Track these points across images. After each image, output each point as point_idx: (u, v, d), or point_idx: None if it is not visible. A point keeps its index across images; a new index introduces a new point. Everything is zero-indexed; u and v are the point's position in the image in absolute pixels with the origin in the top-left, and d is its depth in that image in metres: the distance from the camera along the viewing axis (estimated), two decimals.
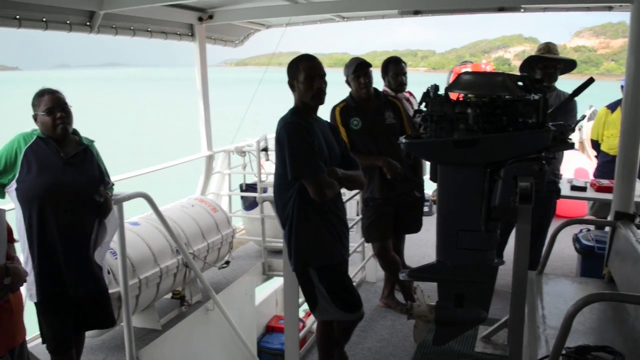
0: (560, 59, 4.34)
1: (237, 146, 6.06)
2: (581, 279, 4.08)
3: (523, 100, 2.64)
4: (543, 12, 4.94)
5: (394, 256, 4.36)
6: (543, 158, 2.62)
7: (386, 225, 4.31)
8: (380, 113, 4.25)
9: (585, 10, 4.87)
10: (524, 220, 2.70)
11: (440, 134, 2.67)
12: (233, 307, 4.98)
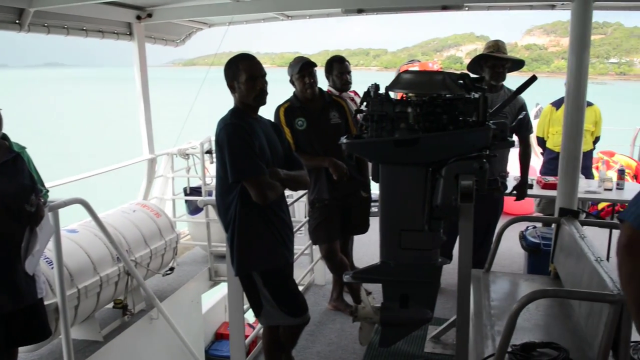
0: (509, 58, 4.35)
1: (181, 149, 5.93)
2: (528, 276, 4.11)
3: (463, 99, 2.62)
4: (487, 11, 4.98)
5: (342, 258, 4.31)
6: (484, 156, 2.60)
7: (333, 226, 4.25)
8: (325, 113, 4.20)
9: (528, 9, 4.93)
10: (466, 219, 2.67)
11: (381, 134, 2.63)
12: (179, 315, 4.85)
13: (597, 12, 6.11)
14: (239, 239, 3.10)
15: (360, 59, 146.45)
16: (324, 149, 4.11)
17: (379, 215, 2.81)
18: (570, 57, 3.89)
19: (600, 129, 6.18)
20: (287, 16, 5.19)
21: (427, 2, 4.53)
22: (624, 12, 4.82)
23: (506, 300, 3.42)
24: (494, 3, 4.63)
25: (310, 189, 4.31)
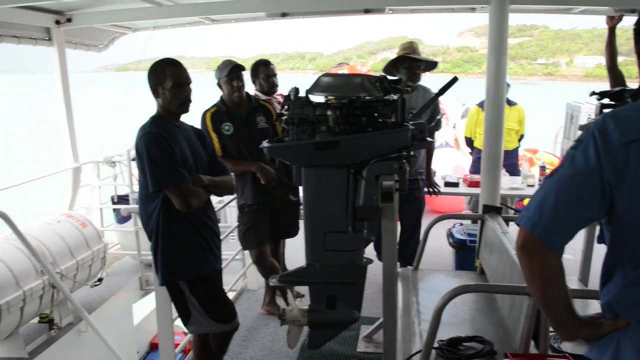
0: (423, 59, 4.45)
1: (107, 156, 5.79)
2: (455, 272, 4.21)
3: (382, 101, 2.65)
4: (410, 14, 5.08)
5: (273, 262, 4.31)
6: (404, 157, 2.65)
7: (262, 231, 4.24)
8: (252, 117, 4.19)
9: (450, 12, 5.06)
10: (388, 219, 2.72)
11: (302, 137, 2.64)
12: (109, 327, 4.72)
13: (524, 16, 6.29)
14: (163, 247, 3.07)
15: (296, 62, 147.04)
16: (251, 153, 4.09)
17: (304, 218, 2.82)
18: (489, 58, 4.02)
19: (524, 127, 6.40)
20: (213, 20, 5.15)
21: (350, 5, 4.59)
22: (550, 14, 5.03)
23: (434, 297, 3.48)
24: (417, 6, 4.73)
25: (239, 194, 4.29)
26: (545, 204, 1.52)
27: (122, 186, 5.89)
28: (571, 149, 1.56)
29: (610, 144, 1.47)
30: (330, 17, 5.25)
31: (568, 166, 1.53)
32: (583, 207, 1.52)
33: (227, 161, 3.99)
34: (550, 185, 1.55)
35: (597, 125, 1.52)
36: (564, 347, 2.82)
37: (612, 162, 1.47)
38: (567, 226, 1.53)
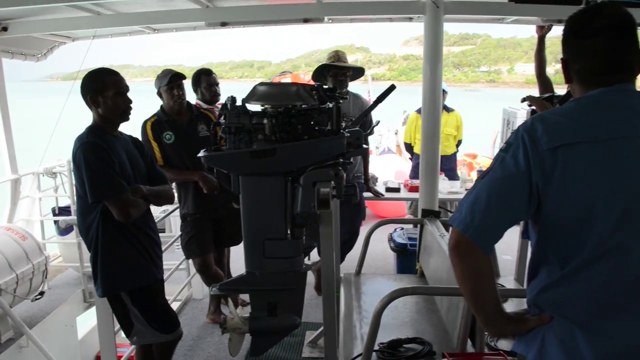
0: (350, 67, 4.56)
1: (47, 167, 5.66)
2: (397, 276, 4.29)
3: (317, 109, 2.70)
4: (350, 23, 5.17)
5: (217, 270, 4.30)
6: (340, 164, 2.71)
7: (206, 239, 4.24)
8: (193, 126, 4.18)
9: (388, 21, 5.17)
10: (326, 225, 2.76)
11: (240, 145, 2.66)
12: (52, 341, 4.61)
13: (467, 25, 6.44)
14: (103, 258, 3.04)
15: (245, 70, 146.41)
16: (193, 162, 4.09)
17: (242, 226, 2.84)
18: (425, 66, 4.14)
19: (461, 133, 6.57)
20: (154, 30, 5.13)
21: (289, 15, 4.65)
22: (492, 24, 5.21)
23: (375, 301, 3.54)
24: (355, 16, 4.82)
25: (181, 203, 4.28)
26: (476, 205, 1.58)
27: (63, 197, 5.77)
28: (501, 151, 1.63)
29: (538, 148, 1.54)
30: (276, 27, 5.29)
31: (498, 168, 1.60)
32: (512, 208, 1.59)
33: (169, 170, 3.98)
34: (481, 187, 1.60)
35: (526, 128, 1.59)
36: (500, 344, 2.91)
37: (540, 165, 1.54)
38: (497, 226, 1.60)
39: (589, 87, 1.65)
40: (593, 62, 1.63)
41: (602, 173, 1.52)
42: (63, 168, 5.55)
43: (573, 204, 1.54)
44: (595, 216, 1.52)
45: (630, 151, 1.54)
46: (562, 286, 1.60)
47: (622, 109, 1.60)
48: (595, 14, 1.63)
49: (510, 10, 4.38)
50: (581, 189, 1.52)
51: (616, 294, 1.56)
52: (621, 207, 1.51)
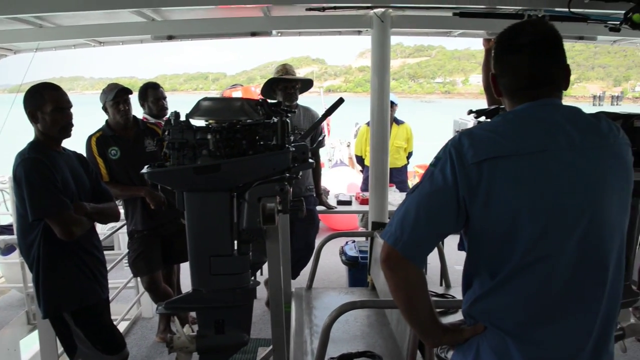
0: (298, 79, 4.57)
1: None
2: (348, 289, 4.28)
3: (262, 124, 2.69)
4: (298, 36, 5.18)
5: (165, 288, 4.22)
6: (285, 179, 2.69)
7: (154, 256, 4.16)
8: (139, 141, 4.11)
9: (337, 34, 5.19)
10: (272, 240, 2.76)
11: (184, 161, 2.63)
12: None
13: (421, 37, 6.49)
14: (45, 278, 2.96)
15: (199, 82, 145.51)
16: (139, 178, 4.01)
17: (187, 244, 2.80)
18: (373, 79, 4.17)
19: (412, 145, 6.64)
20: (99, 42, 5.04)
21: (236, 28, 4.65)
22: (445, 37, 5.30)
23: (326, 315, 3.54)
24: (304, 29, 4.84)
25: (128, 220, 4.20)
26: (406, 219, 1.60)
27: (5, 215, 5.60)
28: (430, 165, 1.65)
29: (465, 162, 1.57)
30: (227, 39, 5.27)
31: (427, 183, 1.62)
32: (441, 221, 1.61)
33: (114, 186, 3.90)
34: (411, 201, 1.62)
35: (454, 143, 1.62)
36: (450, 356, 2.92)
37: (466, 179, 1.56)
38: (426, 240, 1.62)
39: (516, 101, 1.70)
40: (518, 77, 1.68)
41: (526, 185, 1.56)
42: (5, 185, 5.40)
43: (499, 217, 1.57)
44: (520, 228, 1.56)
45: (553, 164, 1.57)
46: (493, 297, 1.63)
47: (546, 123, 1.63)
48: (521, 30, 1.68)
49: (455, 24, 4.47)
50: (506, 201, 1.56)
51: (544, 303, 1.60)
52: (545, 218, 1.55)
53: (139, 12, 4.16)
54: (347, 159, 8.95)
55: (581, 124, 1.65)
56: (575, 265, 1.59)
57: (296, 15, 4.35)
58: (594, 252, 1.61)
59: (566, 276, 1.58)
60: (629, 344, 4.13)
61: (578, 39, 5.14)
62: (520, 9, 3.94)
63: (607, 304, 1.65)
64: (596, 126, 1.67)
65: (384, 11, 4.01)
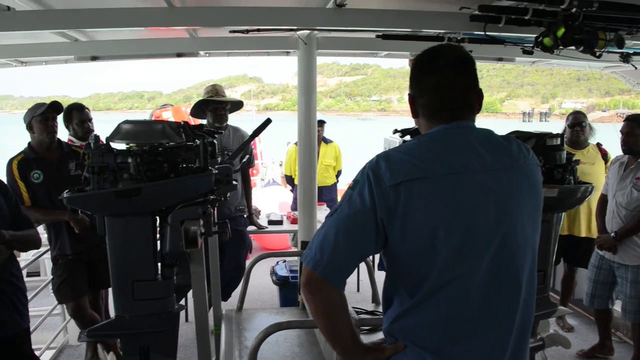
0: (228, 100, 4.58)
1: None
2: (279, 310, 4.27)
3: (184, 146, 2.68)
4: (227, 57, 5.20)
5: (92, 314, 4.10)
6: (209, 201, 2.69)
7: (79, 282, 4.04)
8: (63, 164, 4.00)
9: (266, 55, 5.24)
10: (197, 264, 2.74)
11: (105, 185, 2.59)
12: None
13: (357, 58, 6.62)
14: None
15: (134, 101, 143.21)
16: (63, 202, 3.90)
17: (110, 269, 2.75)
18: (300, 98, 4.22)
19: (341, 163, 6.73)
20: (22, 62, 4.91)
21: (162, 49, 4.63)
22: (382, 58, 5.42)
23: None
24: (232, 50, 4.86)
25: (52, 245, 4.07)
26: (325, 242, 1.62)
27: None
28: (349, 189, 1.68)
29: (382, 185, 1.60)
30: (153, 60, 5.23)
31: (346, 206, 1.64)
32: (360, 244, 1.64)
33: (37, 211, 3.79)
34: (330, 225, 1.64)
35: (371, 166, 1.65)
36: None
37: (384, 201, 1.59)
38: (346, 262, 1.64)
39: (433, 121, 1.75)
40: (435, 98, 1.73)
41: (441, 206, 1.60)
42: None
43: (416, 237, 1.61)
44: (436, 248, 1.60)
45: (467, 185, 1.63)
46: (411, 315, 1.66)
47: (460, 145, 1.69)
48: (439, 52, 1.75)
49: (379, 46, 4.58)
50: (422, 222, 1.59)
51: (461, 320, 1.64)
52: (459, 238, 1.60)
53: (61, 32, 4.08)
54: (280, 178, 8.96)
55: (493, 146, 1.72)
56: (489, 282, 1.64)
57: (224, 36, 4.36)
58: (507, 269, 1.67)
59: (481, 293, 1.64)
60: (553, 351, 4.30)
61: (497, 60, 5.36)
62: (440, 32, 4.08)
63: (521, 319, 1.71)
64: (507, 148, 1.75)
65: (309, 33, 4.07)
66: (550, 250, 3.26)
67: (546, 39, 3.38)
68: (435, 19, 3.69)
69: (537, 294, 3.15)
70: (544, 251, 3.18)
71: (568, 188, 3.12)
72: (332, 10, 3.48)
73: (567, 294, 5.32)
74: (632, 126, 4.10)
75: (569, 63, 5.61)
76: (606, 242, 4.24)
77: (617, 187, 4.24)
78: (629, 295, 4.16)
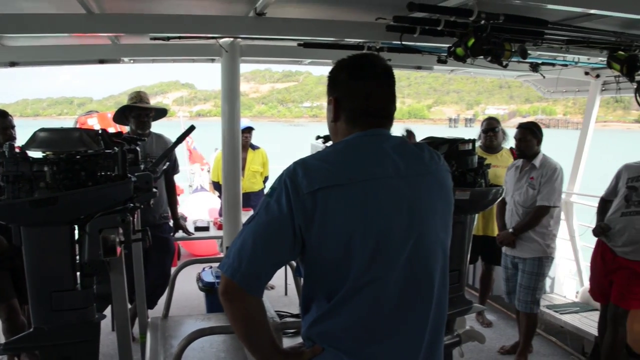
0: (152, 107, 4.56)
1: None
2: (205, 316, 4.26)
3: (102, 154, 2.66)
4: (151, 63, 5.16)
5: (24, 321, 3.97)
6: (128, 209, 2.67)
7: (4, 286, 3.89)
8: None
9: (191, 62, 5.23)
10: (117, 272, 2.72)
11: (20, 195, 2.53)
12: None
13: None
14: None
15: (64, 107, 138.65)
16: None
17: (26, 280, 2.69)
18: (223, 105, 4.25)
19: (267, 169, 6.75)
20: None
21: (84, 56, 4.56)
22: (315, 66, 5.50)
23: None
24: (158, 57, 4.83)
25: None
26: (243, 250, 1.63)
27: None
28: (266, 196, 1.70)
29: (300, 192, 1.63)
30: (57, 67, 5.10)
31: (263, 213, 1.66)
32: (278, 251, 1.67)
33: None
34: (247, 232, 1.66)
35: (289, 173, 1.69)
36: None
37: (301, 208, 1.63)
38: (264, 269, 1.67)
39: (355, 126, 1.80)
40: (365, 103, 1.79)
41: (357, 212, 1.65)
42: None
43: (333, 242, 1.65)
44: (353, 252, 1.65)
45: (382, 191, 1.69)
46: (329, 318, 1.70)
47: (375, 152, 1.75)
48: (368, 60, 1.82)
49: (302, 54, 4.66)
50: (339, 227, 1.64)
51: (377, 321, 1.70)
52: (374, 242, 1.66)
53: None
54: (208, 184, 8.89)
55: (406, 154, 1.79)
56: (403, 284, 1.71)
57: (148, 43, 4.33)
58: (421, 271, 1.75)
59: (396, 295, 1.70)
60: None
61: (416, 68, 5.54)
62: (360, 42, 4.19)
63: (434, 318, 1.79)
64: (419, 155, 1.83)
65: (232, 41, 4.10)
66: (465, 250, 3.39)
67: (458, 49, 3.53)
68: (354, 28, 3.79)
69: (453, 293, 3.32)
70: (458, 251, 3.32)
71: (479, 191, 3.27)
72: (253, 18, 3.53)
73: (485, 290, 5.56)
74: (524, 133, 4.45)
75: (485, 72, 5.86)
76: (505, 237, 4.56)
77: (515, 188, 4.58)
78: (523, 286, 4.49)
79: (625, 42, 3.76)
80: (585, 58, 4.67)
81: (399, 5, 3.14)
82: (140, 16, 3.51)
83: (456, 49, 3.54)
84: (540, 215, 4.38)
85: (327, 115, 1.89)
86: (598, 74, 5.45)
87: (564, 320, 5.02)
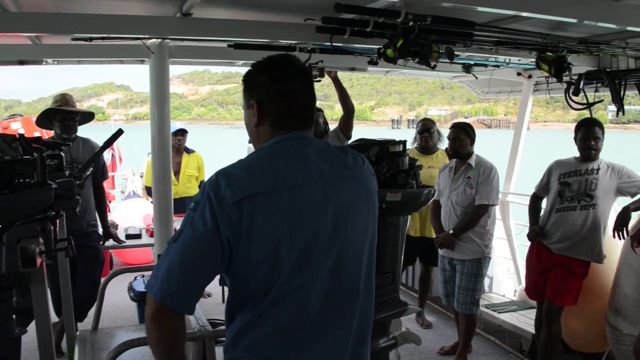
0: (78, 111, 4.42)
1: None
2: (137, 326, 4.14)
3: (20, 160, 2.53)
4: (77, 65, 4.98)
5: None
6: (48, 218, 2.55)
7: None
8: None
9: (120, 63, 5.07)
10: (38, 284, 2.60)
11: None
12: None
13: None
14: None
15: None
16: None
17: None
18: (152, 107, 4.14)
19: (203, 173, 6.64)
20: None
21: (1, 56, 4.35)
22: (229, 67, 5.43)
23: None
24: (83, 58, 4.66)
25: None
26: (171, 271, 1.57)
27: None
28: (190, 210, 1.63)
29: (224, 203, 1.58)
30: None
31: (189, 230, 1.60)
32: (207, 267, 1.62)
33: None
34: (174, 252, 1.59)
35: (211, 185, 1.62)
36: None
37: (228, 220, 1.57)
38: (195, 287, 1.63)
39: (280, 129, 1.76)
40: (288, 104, 1.75)
41: (283, 220, 1.62)
42: None
43: (260, 251, 1.61)
44: (279, 260, 1.62)
45: (306, 196, 1.67)
46: (254, 328, 1.67)
47: (298, 157, 1.73)
48: (287, 62, 1.78)
49: (234, 55, 4.59)
50: (265, 235, 1.60)
51: (301, 328, 1.68)
52: (299, 249, 1.63)
53: None
54: (141, 190, 8.67)
55: (330, 158, 1.77)
56: (328, 290, 1.69)
57: (69, 44, 4.17)
58: (345, 277, 1.73)
59: (320, 302, 1.68)
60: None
61: (350, 69, 5.54)
62: (292, 43, 4.15)
63: (359, 324, 1.78)
64: (343, 159, 1.81)
65: (160, 42, 3.99)
66: (398, 251, 3.40)
67: (389, 50, 3.54)
68: (284, 29, 3.76)
69: (388, 295, 3.32)
70: (392, 253, 3.33)
71: (411, 192, 3.29)
72: (179, 19, 3.44)
73: (424, 292, 5.61)
74: (457, 132, 4.50)
75: (420, 73, 5.90)
76: (445, 239, 4.55)
77: (451, 189, 4.59)
78: (462, 287, 4.52)
79: (553, 43, 3.84)
80: (516, 59, 4.76)
81: (328, 6, 3.13)
82: (60, 15, 3.36)
83: (386, 50, 3.54)
84: (480, 215, 4.42)
85: (248, 120, 1.82)
86: (530, 74, 5.58)
87: (502, 319, 5.11)
